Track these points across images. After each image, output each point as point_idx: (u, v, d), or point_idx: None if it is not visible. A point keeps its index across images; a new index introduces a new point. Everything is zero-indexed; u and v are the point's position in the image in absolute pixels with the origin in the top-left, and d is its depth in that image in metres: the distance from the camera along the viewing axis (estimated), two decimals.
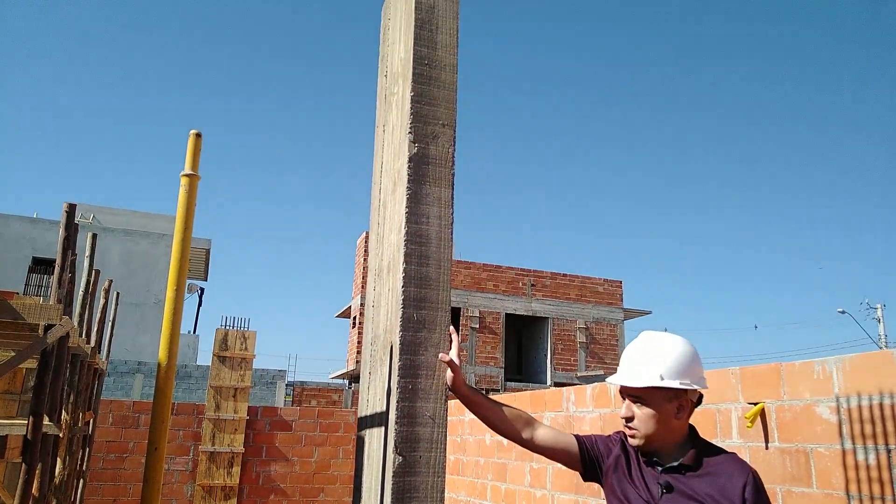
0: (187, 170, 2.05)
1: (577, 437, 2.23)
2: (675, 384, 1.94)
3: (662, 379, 1.94)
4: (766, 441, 3.42)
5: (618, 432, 2.20)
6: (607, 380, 2.08)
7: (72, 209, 5.49)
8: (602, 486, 2.12)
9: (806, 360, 3.30)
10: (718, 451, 2.00)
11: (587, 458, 2.15)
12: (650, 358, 1.99)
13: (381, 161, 2.64)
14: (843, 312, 29.92)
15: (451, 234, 2.30)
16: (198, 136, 2.23)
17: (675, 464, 1.95)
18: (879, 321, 29.21)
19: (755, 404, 3.51)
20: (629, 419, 2.01)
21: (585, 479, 2.21)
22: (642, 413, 1.98)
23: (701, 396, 2.04)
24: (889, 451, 2.80)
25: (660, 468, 1.97)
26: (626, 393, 2.03)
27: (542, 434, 2.19)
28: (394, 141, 2.41)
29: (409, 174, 2.19)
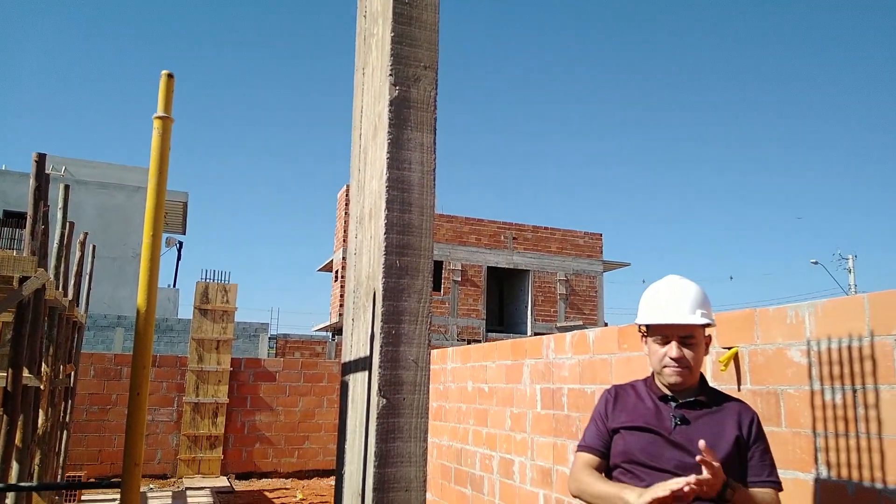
0: (160, 112, 2.01)
1: (595, 450, 2.19)
2: (712, 321, 2.08)
3: (704, 316, 2.06)
4: (739, 383, 3.52)
5: (606, 392, 2.26)
6: (658, 319, 2.05)
7: (41, 159, 5.36)
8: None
9: (779, 306, 3.38)
10: (727, 396, 2.15)
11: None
12: (690, 298, 2.07)
13: (360, 105, 2.60)
14: (815, 263, 30.53)
15: (434, 181, 2.29)
16: (170, 76, 2.17)
17: (691, 399, 2.06)
18: (850, 271, 29.87)
19: (729, 349, 3.60)
20: (679, 359, 2.05)
21: None
22: (690, 352, 2.05)
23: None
24: (855, 392, 2.90)
25: (674, 404, 2.06)
26: (676, 333, 2.06)
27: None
28: (374, 84, 2.37)
29: (390, 118, 2.17)
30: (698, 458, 1.80)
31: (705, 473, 1.78)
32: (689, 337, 2.05)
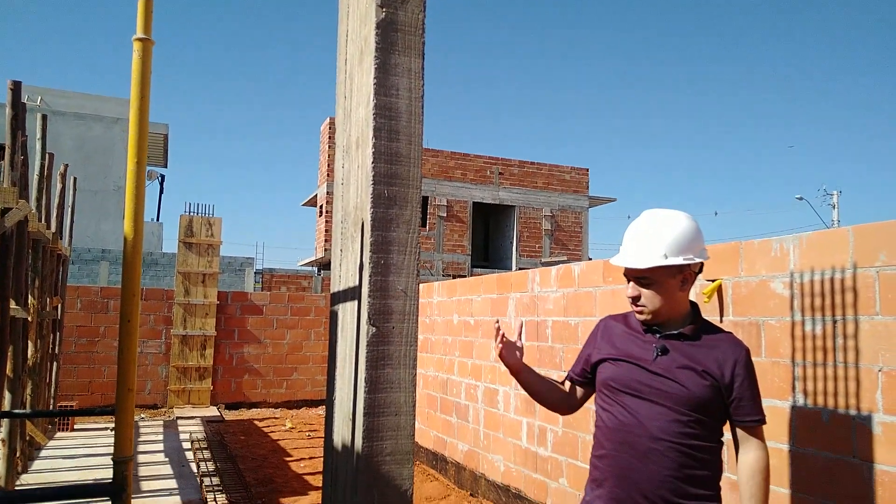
0: (139, 34, 1.92)
1: (569, 377, 2.33)
2: (679, 260, 1.99)
3: (666, 257, 1.98)
4: (721, 315, 3.59)
5: (599, 322, 2.31)
6: (612, 260, 2.09)
7: (17, 86, 5.19)
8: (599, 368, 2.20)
9: (764, 239, 3.42)
10: (718, 329, 2.12)
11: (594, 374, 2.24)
12: (653, 237, 2.02)
13: (346, 30, 2.51)
14: (800, 199, 30.76)
15: (422, 108, 2.24)
16: None
17: (675, 332, 2.05)
18: (834, 207, 30.15)
19: (713, 281, 3.65)
20: (636, 298, 2.06)
21: None
22: (648, 292, 2.04)
23: (702, 265, 2.11)
24: (835, 322, 2.97)
25: (658, 335, 2.07)
26: (632, 275, 2.07)
27: (578, 398, 2.31)
28: (360, 6, 2.29)
29: (376, 42, 2.10)
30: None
31: None
32: (642, 278, 2.04)
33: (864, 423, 2.81)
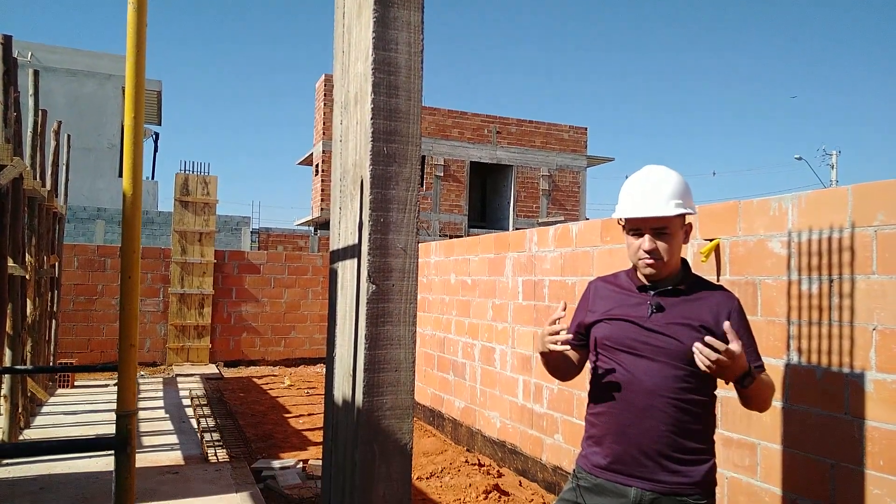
0: None
1: (574, 341, 2.28)
2: (689, 210, 2.05)
3: (679, 206, 2.03)
4: (718, 274, 3.61)
5: (589, 284, 2.30)
6: (630, 213, 2.04)
7: (8, 41, 5.09)
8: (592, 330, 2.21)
9: (763, 198, 3.41)
10: (710, 284, 2.15)
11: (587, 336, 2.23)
12: (664, 189, 2.05)
13: None
14: (799, 159, 30.68)
15: (422, 64, 2.20)
16: None
17: (669, 287, 2.07)
18: (833, 167, 30.03)
19: (711, 240, 3.66)
20: (652, 251, 2.06)
21: None
22: (663, 244, 2.05)
23: (691, 224, 2.14)
24: (831, 282, 2.99)
25: (652, 292, 2.08)
26: (649, 226, 2.06)
27: (576, 364, 2.28)
28: None
29: None
30: (723, 335, 1.84)
31: (719, 354, 1.81)
32: (662, 228, 2.04)
33: (856, 381, 2.85)
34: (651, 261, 2.06)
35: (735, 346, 1.82)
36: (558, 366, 2.25)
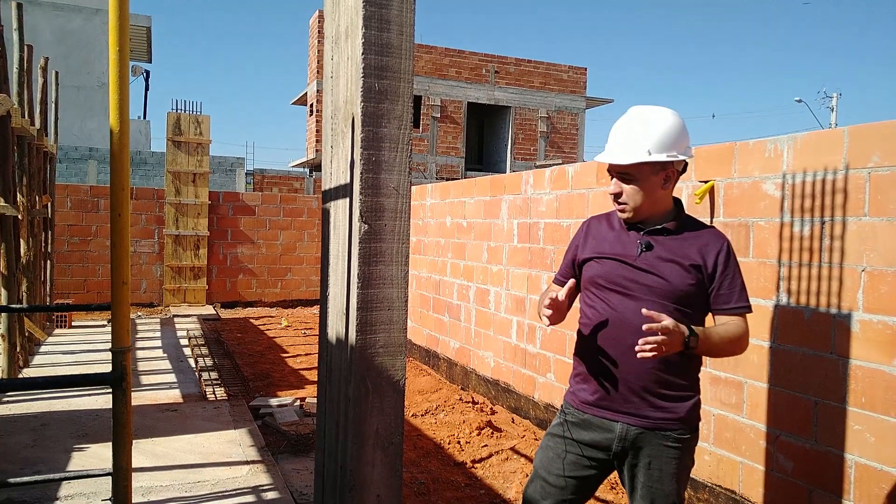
0: None
1: (559, 281, 2.31)
2: (663, 157, 1.99)
3: (650, 154, 1.98)
4: (712, 216, 3.61)
5: (582, 223, 2.31)
6: (596, 158, 2.09)
7: None
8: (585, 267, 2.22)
9: (759, 139, 3.38)
10: (700, 224, 2.14)
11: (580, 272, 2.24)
12: (638, 133, 2.01)
13: None
14: (799, 101, 30.33)
15: None
16: None
17: (658, 227, 2.07)
18: (833, 110, 29.70)
19: (706, 182, 3.64)
20: (618, 195, 2.07)
21: None
22: (630, 188, 2.05)
23: (686, 164, 2.10)
24: (823, 224, 2.99)
25: (642, 231, 2.09)
26: (615, 171, 2.07)
27: (570, 303, 2.22)
28: None
29: None
30: (645, 326, 1.83)
31: (659, 336, 1.83)
32: (625, 174, 2.04)
33: (843, 321, 2.89)
34: (618, 204, 2.08)
35: (667, 321, 1.85)
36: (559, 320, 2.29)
